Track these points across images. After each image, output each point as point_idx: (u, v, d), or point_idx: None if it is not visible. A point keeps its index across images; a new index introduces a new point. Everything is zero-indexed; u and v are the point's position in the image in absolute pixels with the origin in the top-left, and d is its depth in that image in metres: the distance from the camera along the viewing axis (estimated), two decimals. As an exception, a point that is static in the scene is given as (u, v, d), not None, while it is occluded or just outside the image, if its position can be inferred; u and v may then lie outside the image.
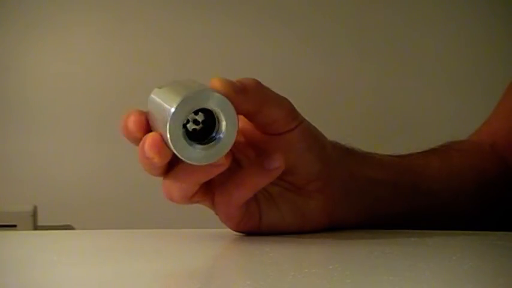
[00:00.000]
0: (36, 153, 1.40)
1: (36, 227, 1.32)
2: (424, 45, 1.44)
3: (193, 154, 0.44)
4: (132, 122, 0.46)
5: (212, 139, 0.45)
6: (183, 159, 0.44)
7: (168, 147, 0.44)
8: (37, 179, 1.39)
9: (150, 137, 0.45)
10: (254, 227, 0.50)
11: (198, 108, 0.44)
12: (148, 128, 0.46)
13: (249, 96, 0.47)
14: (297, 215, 0.51)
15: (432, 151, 0.61)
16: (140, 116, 0.47)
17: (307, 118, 0.51)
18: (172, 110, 0.43)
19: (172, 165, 0.46)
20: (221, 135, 0.45)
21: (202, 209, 0.51)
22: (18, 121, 1.41)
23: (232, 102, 0.45)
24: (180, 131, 0.44)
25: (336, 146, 0.54)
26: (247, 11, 1.42)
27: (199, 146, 0.44)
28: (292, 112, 0.49)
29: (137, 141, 0.46)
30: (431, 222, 0.56)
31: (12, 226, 1.29)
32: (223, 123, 0.45)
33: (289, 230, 0.51)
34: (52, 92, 1.41)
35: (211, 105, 0.44)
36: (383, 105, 1.42)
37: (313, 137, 0.51)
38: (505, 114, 0.67)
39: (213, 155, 0.45)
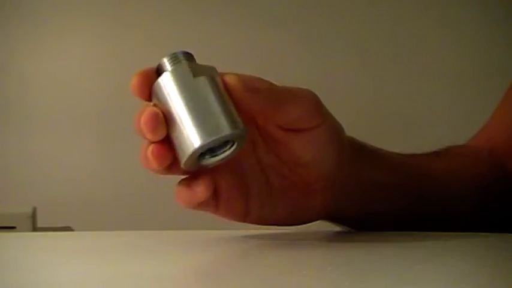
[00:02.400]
0: (35, 154, 1.40)
1: (35, 229, 1.32)
2: (424, 47, 1.44)
3: (192, 166, 0.45)
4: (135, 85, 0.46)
5: (211, 150, 0.45)
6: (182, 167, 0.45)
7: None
8: (36, 181, 1.39)
9: (146, 113, 0.44)
10: (237, 218, 0.50)
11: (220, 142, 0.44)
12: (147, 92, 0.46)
13: (261, 96, 0.46)
14: (292, 212, 0.51)
15: (435, 154, 0.61)
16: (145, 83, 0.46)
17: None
18: (192, 149, 0.43)
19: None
20: (221, 154, 0.45)
21: (201, 211, 0.51)
22: (17, 122, 1.41)
23: (242, 100, 0.45)
24: (196, 158, 0.44)
25: (351, 145, 0.53)
26: (245, 13, 1.42)
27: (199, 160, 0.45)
28: (315, 108, 0.48)
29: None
30: (430, 224, 0.56)
31: (12, 228, 1.29)
32: (231, 149, 0.45)
33: (278, 224, 0.51)
34: (51, 93, 1.41)
35: (231, 138, 0.45)
36: (382, 106, 1.42)
37: (336, 135, 0.50)
38: (503, 120, 0.67)
39: (203, 165, 0.46)
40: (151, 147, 0.45)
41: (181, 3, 1.42)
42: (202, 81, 0.45)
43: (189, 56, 0.46)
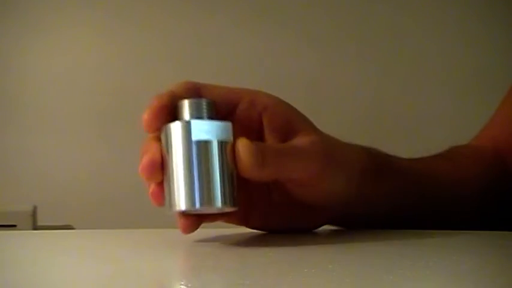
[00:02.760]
0: (36, 153, 1.40)
1: (35, 227, 1.32)
2: (424, 46, 1.44)
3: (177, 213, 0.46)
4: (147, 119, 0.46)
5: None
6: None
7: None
8: (37, 179, 1.39)
9: (146, 160, 0.45)
10: (237, 224, 0.51)
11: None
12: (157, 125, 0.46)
13: (267, 170, 0.46)
14: (290, 223, 0.51)
15: (439, 156, 0.61)
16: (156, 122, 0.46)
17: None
18: (178, 209, 0.44)
19: None
20: (206, 211, 0.46)
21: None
22: (18, 121, 1.41)
23: (248, 175, 0.45)
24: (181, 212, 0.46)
25: (364, 169, 0.52)
26: (246, 11, 1.42)
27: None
28: (318, 168, 0.48)
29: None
30: (432, 224, 0.56)
31: (12, 226, 1.29)
32: (219, 210, 0.46)
33: (276, 232, 0.52)
34: (52, 91, 1.41)
35: (219, 210, 0.45)
36: (382, 105, 1.42)
37: (342, 180, 0.50)
38: (505, 119, 0.67)
39: (187, 213, 0.47)
40: (151, 187, 0.46)
41: (183, 1, 1.42)
42: (211, 146, 0.45)
43: (210, 107, 0.46)
